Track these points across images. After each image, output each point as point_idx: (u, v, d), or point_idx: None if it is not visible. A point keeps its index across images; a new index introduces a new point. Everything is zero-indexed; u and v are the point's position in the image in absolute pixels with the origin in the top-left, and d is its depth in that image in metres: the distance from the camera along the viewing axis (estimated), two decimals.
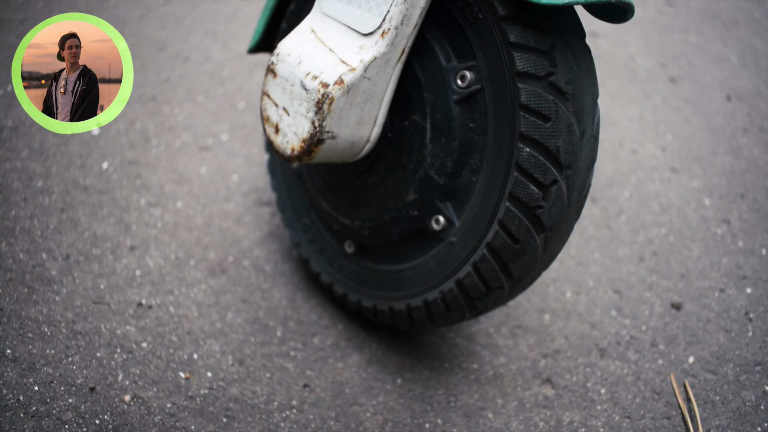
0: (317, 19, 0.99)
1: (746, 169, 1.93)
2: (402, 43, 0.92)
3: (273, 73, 0.98)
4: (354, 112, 0.93)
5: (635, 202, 1.71)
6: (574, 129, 0.87)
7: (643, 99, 2.22)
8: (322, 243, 1.24)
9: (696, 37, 2.83)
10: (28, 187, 1.49)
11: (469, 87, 0.93)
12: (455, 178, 0.97)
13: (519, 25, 0.86)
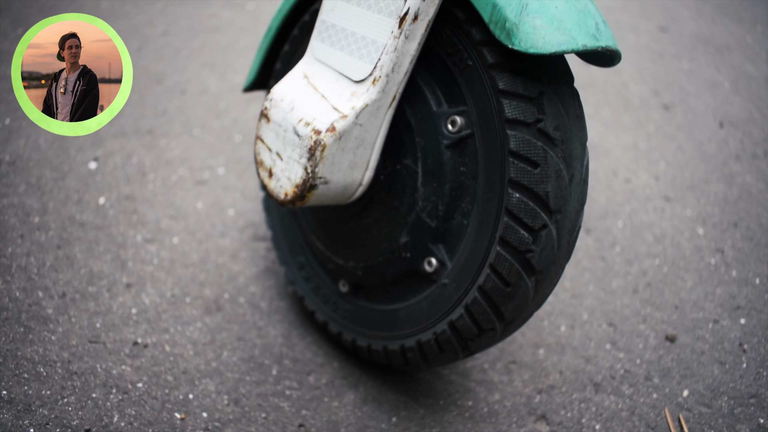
0: (310, 64, 1.01)
1: (739, 197, 1.95)
2: (393, 89, 0.93)
3: (266, 118, 1.00)
4: (346, 158, 0.95)
5: (629, 232, 1.72)
6: (563, 174, 0.88)
7: (637, 127, 2.24)
8: (317, 281, 1.25)
9: (689, 63, 2.85)
10: (25, 224, 1.50)
11: (459, 132, 0.95)
12: (447, 221, 0.99)
13: (508, 73, 0.88)
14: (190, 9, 2.74)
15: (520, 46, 0.82)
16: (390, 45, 0.89)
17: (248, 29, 2.60)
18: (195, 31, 2.54)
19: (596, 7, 0.89)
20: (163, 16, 2.66)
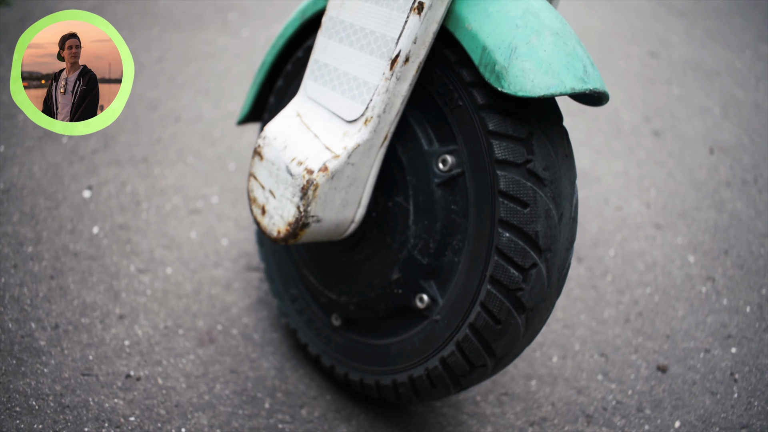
0: (303, 102, 1.02)
1: (729, 224, 1.97)
2: (385, 129, 0.94)
3: (260, 156, 1.01)
4: (338, 196, 0.96)
5: (620, 261, 1.73)
6: (552, 214, 0.89)
7: (628, 154, 2.26)
8: (310, 314, 1.25)
9: (679, 89, 2.89)
10: (19, 253, 1.51)
11: (450, 171, 0.96)
12: (438, 258, 0.99)
13: (497, 114, 0.89)
14: (185, 35, 2.76)
15: (509, 89, 0.84)
16: (382, 86, 0.90)
17: (243, 56, 2.63)
18: (190, 58, 2.56)
19: (584, 48, 0.91)
20: (159, 43, 2.68)
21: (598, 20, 3.63)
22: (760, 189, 2.18)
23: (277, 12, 3.14)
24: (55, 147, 1.91)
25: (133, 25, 2.83)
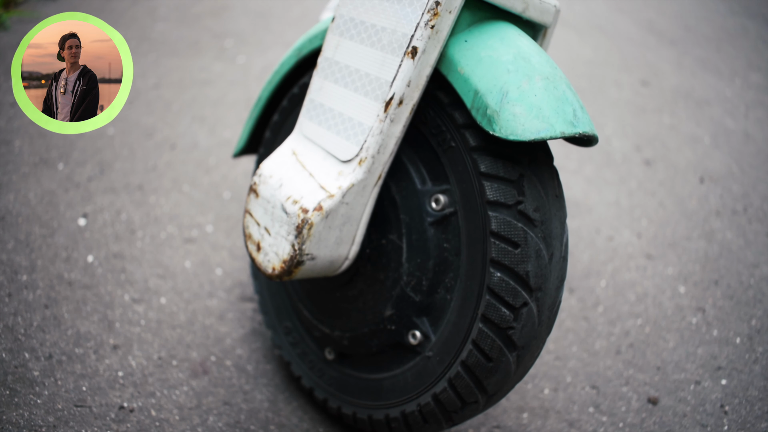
0: (298, 141, 1.04)
1: (720, 254, 1.99)
2: (379, 169, 0.96)
3: (255, 193, 1.02)
4: (333, 234, 0.97)
5: (612, 291, 1.75)
6: (542, 254, 0.91)
7: (619, 183, 2.28)
8: (304, 347, 1.26)
9: (669, 118, 2.92)
10: (13, 282, 1.51)
11: (443, 210, 0.97)
12: (431, 296, 1.01)
13: (489, 156, 0.91)
14: (181, 61, 2.79)
15: (500, 132, 0.86)
16: (376, 128, 0.92)
17: (238, 83, 2.65)
18: (186, 84, 2.58)
19: (574, 92, 0.93)
20: (155, 69, 2.70)
21: (590, 49, 3.68)
22: (750, 218, 2.20)
23: (273, 38, 3.18)
24: (51, 173, 1.92)
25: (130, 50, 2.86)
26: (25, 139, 2.08)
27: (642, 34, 4.20)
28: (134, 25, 3.12)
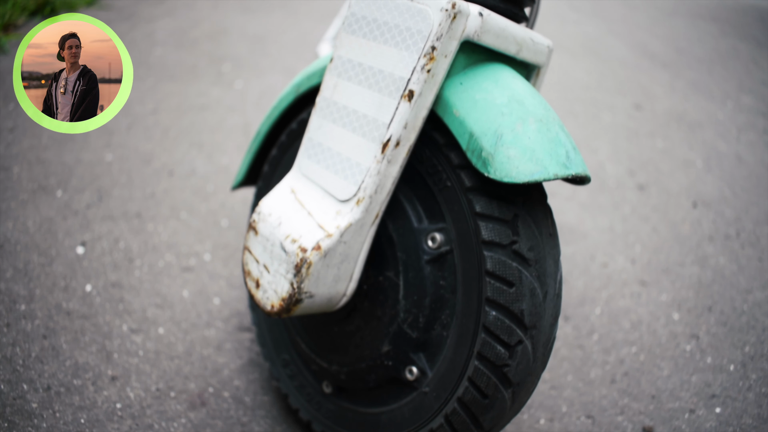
0: (297, 179, 1.06)
1: (713, 280, 2.00)
2: (376, 208, 0.98)
3: (254, 231, 1.04)
4: (331, 273, 0.98)
5: (606, 319, 1.76)
6: (537, 292, 0.93)
7: (613, 209, 2.31)
8: (302, 380, 1.27)
9: (662, 142, 2.95)
10: (11, 311, 1.52)
11: (439, 248, 0.99)
12: (427, 332, 1.02)
13: (484, 196, 0.93)
14: (179, 86, 2.81)
15: (495, 174, 0.87)
16: (373, 168, 0.94)
17: (236, 108, 2.67)
18: (183, 110, 2.61)
19: (566, 133, 0.95)
20: (153, 94, 2.72)
21: (584, 72, 3.72)
22: (743, 243, 2.22)
23: (270, 63, 3.21)
24: (50, 200, 1.93)
25: None
26: (24, 165, 2.10)
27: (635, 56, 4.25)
28: (133, 49, 3.15)
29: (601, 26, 5.05)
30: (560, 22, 4.89)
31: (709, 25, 5.61)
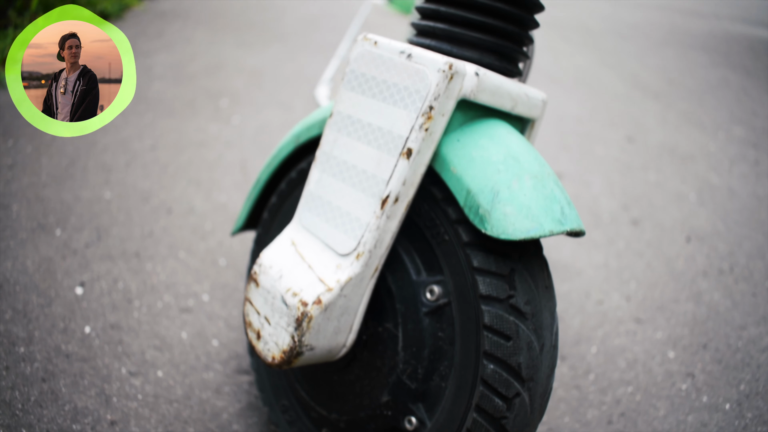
0: (297, 231, 1.08)
1: (707, 316, 2.02)
2: (375, 262, 1.00)
3: (256, 282, 1.05)
4: (331, 325, 1.00)
5: (603, 358, 1.77)
6: (534, 345, 0.94)
7: (608, 244, 2.33)
8: (300, 426, 1.28)
9: (655, 175, 2.99)
10: (11, 354, 1.52)
11: (437, 300, 1.01)
12: (426, 382, 1.03)
13: (481, 251, 0.95)
14: (177, 122, 2.84)
15: (492, 231, 0.90)
16: (373, 224, 0.96)
17: (233, 144, 2.70)
18: (182, 146, 2.63)
19: (561, 188, 0.97)
20: (151, 130, 2.75)
21: (576, 105, 3.77)
22: (736, 278, 2.24)
23: (267, 98, 3.24)
24: (49, 239, 1.94)
25: (127, 110, 2.91)
26: (23, 203, 2.11)
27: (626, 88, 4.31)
28: None
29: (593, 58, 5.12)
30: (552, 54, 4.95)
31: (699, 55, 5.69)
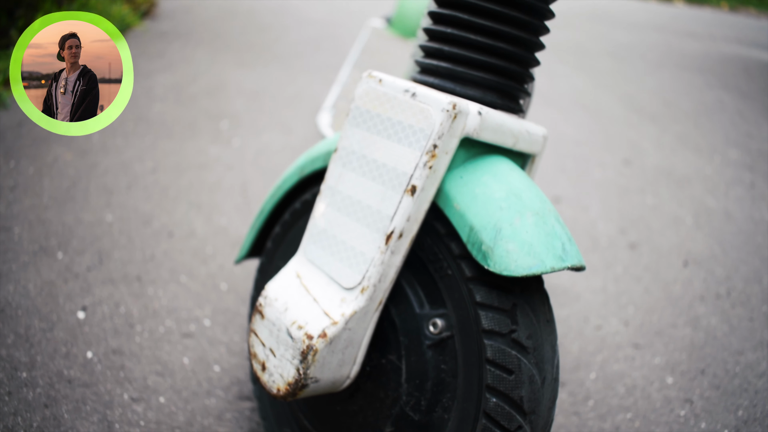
0: (302, 264, 1.09)
1: (705, 341, 2.04)
2: (380, 296, 1.01)
3: (261, 314, 1.07)
4: (336, 358, 1.01)
5: (601, 384, 1.79)
6: (535, 379, 0.96)
7: (605, 269, 2.35)
8: None
9: (652, 198, 3.01)
10: (13, 379, 1.53)
11: (440, 333, 1.02)
12: (429, 414, 1.05)
13: (484, 286, 0.97)
14: (178, 144, 2.86)
15: (494, 268, 0.91)
16: (377, 259, 0.98)
17: (234, 167, 2.72)
18: (182, 169, 2.65)
19: (562, 224, 0.99)
20: (152, 152, 2.77)
21: (574, 128, 3.80)
22: (733, 303, 2.26)
23: (267, 120, 3.27)
24: (50, 263, 1.96)
25: (128, 132, 2.93)
26: (25, 225, 2.12)
27: (623, 110, 4.35)
28: (132, 105, 3.21)
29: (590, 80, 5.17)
30: (550, 76, 5.00)
31: (694, 76, 5.75)
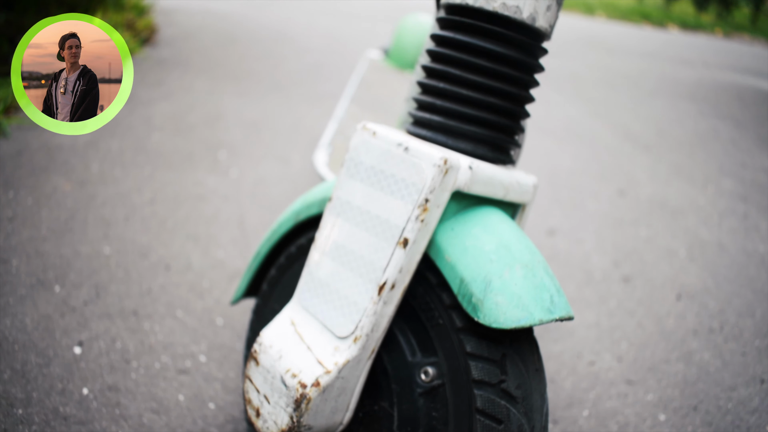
0: (297, 311, 1.11)
1: (698, 377, 2.05)
2: (372, 345, 1.03)
3: (256, 361, 1.09)
4: (329, 405, 1.03)
5: (594, 421, 1.80)
6: (524, 428, 0.98)
7: (599, 303, 2.37)
8: None
9: (646, 230, 3.04)
10: (9, 416, 1.54)
11: (431, 381, 1.04)
12: None
13: (474, 337, 0.99)
14: (176, 175, 2.89)
15: (484, 320, 0.94)
16: (370, 309, 1.00)
17: (231, 198, 2.75)
18: (180, 200, 2.67)
19: (551, 275, 1.01)
20: (150, 183, 2.80)
21: (568, 157, 3.84)
22: (726, 337, 2.28)
23: (265, 151, 3.30)
24: (47, 296, 1.97)
25: (126, 162, 2.96)
26: (23, 257, 2.14)
27: (617, 139, 4.39)
28: (130, 134, 3.24)
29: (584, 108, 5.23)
30: (544, 104, 5.05)
31: (688, 105, 5.81)
